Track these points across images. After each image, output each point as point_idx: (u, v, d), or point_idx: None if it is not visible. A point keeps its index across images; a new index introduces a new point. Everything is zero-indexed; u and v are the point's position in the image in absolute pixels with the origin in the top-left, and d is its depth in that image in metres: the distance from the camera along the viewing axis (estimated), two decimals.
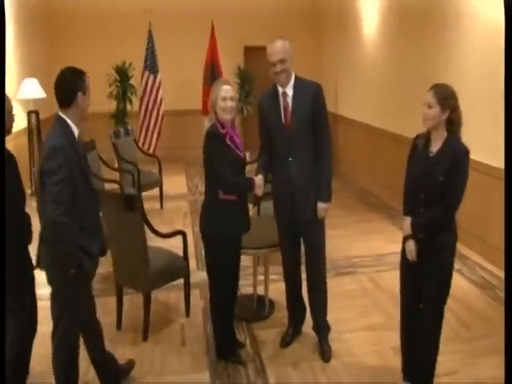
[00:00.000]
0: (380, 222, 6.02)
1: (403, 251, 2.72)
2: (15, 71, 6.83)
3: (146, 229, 3.42)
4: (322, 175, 3.13)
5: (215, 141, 2.89)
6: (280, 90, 3.12)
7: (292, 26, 9.01)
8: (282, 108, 3.10)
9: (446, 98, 2.49)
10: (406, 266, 2.73)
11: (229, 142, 2.92)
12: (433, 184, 2.52)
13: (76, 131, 2.50)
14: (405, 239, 2.69)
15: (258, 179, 3.05)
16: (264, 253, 3.68)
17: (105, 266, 4.36)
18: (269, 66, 3.08)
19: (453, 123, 2.53)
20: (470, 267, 4.68)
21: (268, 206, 4.37)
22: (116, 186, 5.44)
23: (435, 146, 2.57)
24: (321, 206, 3.16)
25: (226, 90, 2.92)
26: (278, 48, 3.03)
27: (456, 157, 2.47)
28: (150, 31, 8.45)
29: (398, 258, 2.82)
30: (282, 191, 3.20)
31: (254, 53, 9.29)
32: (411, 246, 2.64)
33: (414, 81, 6.00)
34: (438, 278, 2.61)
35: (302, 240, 3.32)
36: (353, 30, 7.87)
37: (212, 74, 8.50)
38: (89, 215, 2.52)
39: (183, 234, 3.71)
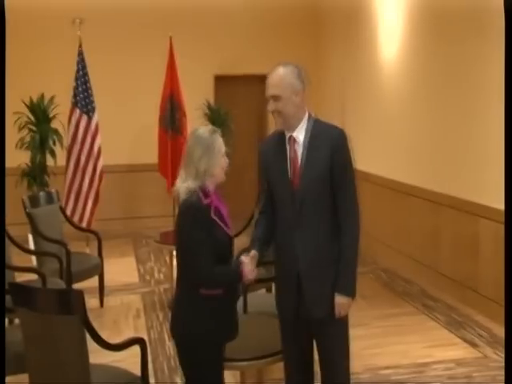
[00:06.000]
0: (415, 317, 6.02)
1: None
2: None
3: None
4: (342, 257, 3.15)
5: (196, 217, 2.91)
6: (287, 133, 3.17)
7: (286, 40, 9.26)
8: (288, 159, 3.14)
9: None
10: None
11: (214, 217, 2.96)
12: None
13: None
14: None
15: (251, 257, 3.04)
16: (256, 365, 3.65)
17: None
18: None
19: None
20: None
21: (260, 298, 4.39)
22: (34, 276, 5.33)
23: None
24: (340, 300, 3.14)
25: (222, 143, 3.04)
26: (274, 79, 3.08)
27: None
28: (80, 52, 8.38)
29: (445, 370, 2.82)
30: (286, 275, 3.20)
31: (227, 83, 9.52)
32: None
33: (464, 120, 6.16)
34: None
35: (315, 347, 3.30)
36: (366, 49, 8.17)
37: (171, 111, 8.64)
38: None
39: (141, 342, 3.63)
